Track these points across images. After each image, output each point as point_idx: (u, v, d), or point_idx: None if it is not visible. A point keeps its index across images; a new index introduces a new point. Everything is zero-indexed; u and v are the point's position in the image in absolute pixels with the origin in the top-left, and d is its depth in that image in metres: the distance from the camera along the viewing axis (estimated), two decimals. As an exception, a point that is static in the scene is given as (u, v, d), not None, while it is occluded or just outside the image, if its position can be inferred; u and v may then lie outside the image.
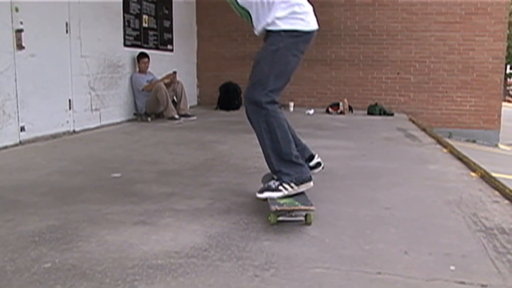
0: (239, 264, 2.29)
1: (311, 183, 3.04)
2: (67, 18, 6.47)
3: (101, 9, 7.32)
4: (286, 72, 3.02)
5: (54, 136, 6.19)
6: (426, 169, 4.66)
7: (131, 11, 8.26)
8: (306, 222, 2.87)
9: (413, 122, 9.24)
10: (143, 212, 3.08)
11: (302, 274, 2.19)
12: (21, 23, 5.54)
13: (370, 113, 10.27)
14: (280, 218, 2.85)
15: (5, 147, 5.35)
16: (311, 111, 10.22)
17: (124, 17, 8.00)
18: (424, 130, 7.86)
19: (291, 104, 10.74)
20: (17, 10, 5.46)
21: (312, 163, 3.41)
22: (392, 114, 10.24)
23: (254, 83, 3.01)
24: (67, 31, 6.47)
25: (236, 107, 10.40)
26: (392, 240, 2.66)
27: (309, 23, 3.03)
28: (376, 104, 10.42)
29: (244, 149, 5.55)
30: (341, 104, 10.36)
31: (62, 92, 6.45)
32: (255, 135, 3.07)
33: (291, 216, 2.89)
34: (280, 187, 2.95)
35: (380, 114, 10.14)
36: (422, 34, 10.87)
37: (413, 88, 11.02)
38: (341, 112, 10.23)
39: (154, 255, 2.38)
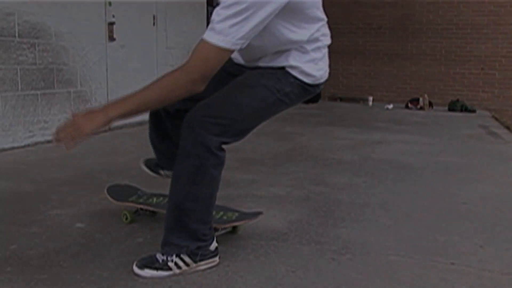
0: (317, 248, 2.41)
1: (217, 259, 2.19)
2: (155, 11, 6.78)
3: (186, 2, 7.60)
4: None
5: (140, 123, 6.51)
6: (508, 167, 4.57)
7: (214, 4, 8.49)
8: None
9: (496, 119, 8.95)
10: (226, 196, 3.24)
11: (378, 261, 2.28)
12: (113, 16, 5.89)
13: (451, 109, 10.04)
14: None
15: (96, 133, 5.71)
16: (390, 106, 10.14)
17: (207, 10, 8.25)
18: (507, 128, 7.62)
19: (370, 98, 10.69)
20: (110, 4, 5.80)
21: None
22: (474, 111, 9.95)
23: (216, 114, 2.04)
24: (154, 24, 6.79)
25: (315, 100, 10.45)
26: (468, 233, 2.68)
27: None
28: (457, 100, 10.17)
29: (322, 140, 5.64)
30: (421, 99, 10.18)
31: (148, 82, 6.72)
32: (333, 128, 3.06)
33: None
34: (170, 263, 2.10)
35: (461, 111, 9.89)
36: (510, 28, 10.46)
37: (498, 85, 10.65)
38: (421, 108, 10.07)
39: (236, 235, 2.53)
